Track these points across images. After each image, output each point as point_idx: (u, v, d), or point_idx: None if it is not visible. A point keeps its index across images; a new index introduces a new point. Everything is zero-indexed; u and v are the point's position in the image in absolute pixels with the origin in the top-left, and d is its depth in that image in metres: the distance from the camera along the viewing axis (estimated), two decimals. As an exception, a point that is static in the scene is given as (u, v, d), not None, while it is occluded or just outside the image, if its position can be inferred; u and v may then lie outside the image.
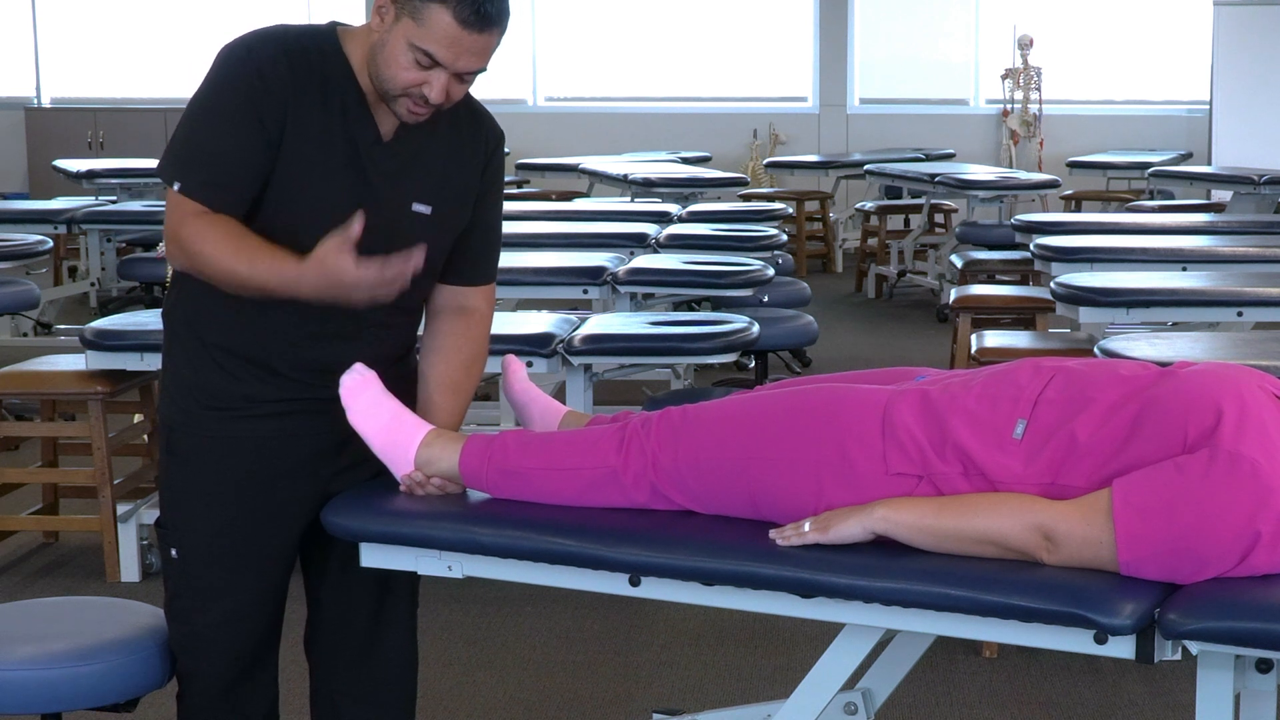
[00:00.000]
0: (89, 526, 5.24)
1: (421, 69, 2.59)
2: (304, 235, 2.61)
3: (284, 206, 2.64)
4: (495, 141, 2.85)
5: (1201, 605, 2.18)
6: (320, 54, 2.66)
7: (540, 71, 14.43)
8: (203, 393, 2.74)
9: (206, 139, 2.64)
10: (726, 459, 2.54)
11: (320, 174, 2.65)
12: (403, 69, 2.59)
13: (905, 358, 8.57)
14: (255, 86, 2.60)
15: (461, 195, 2.80)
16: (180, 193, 2.62)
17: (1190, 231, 7.52)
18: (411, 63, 2.58)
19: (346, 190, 2.66)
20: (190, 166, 2.64)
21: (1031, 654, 4.33)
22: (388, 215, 2.69)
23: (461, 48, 2.57)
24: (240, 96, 2.60)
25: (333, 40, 2.69)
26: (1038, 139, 13.62)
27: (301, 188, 2.64)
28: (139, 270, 9.22)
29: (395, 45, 2.58)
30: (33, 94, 14.54)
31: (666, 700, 4.09)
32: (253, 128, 2.61)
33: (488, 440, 2.71)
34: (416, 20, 2.56)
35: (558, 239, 7.14)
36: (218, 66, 2.65)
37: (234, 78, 2.62)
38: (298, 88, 2.63)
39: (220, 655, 2.79)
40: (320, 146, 2.65)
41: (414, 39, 2.57)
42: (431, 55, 2.57)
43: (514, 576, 2.63)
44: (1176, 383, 2.38)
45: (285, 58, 2.63)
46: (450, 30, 2.55)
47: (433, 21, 2.55)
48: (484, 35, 2.58)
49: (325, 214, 2.62)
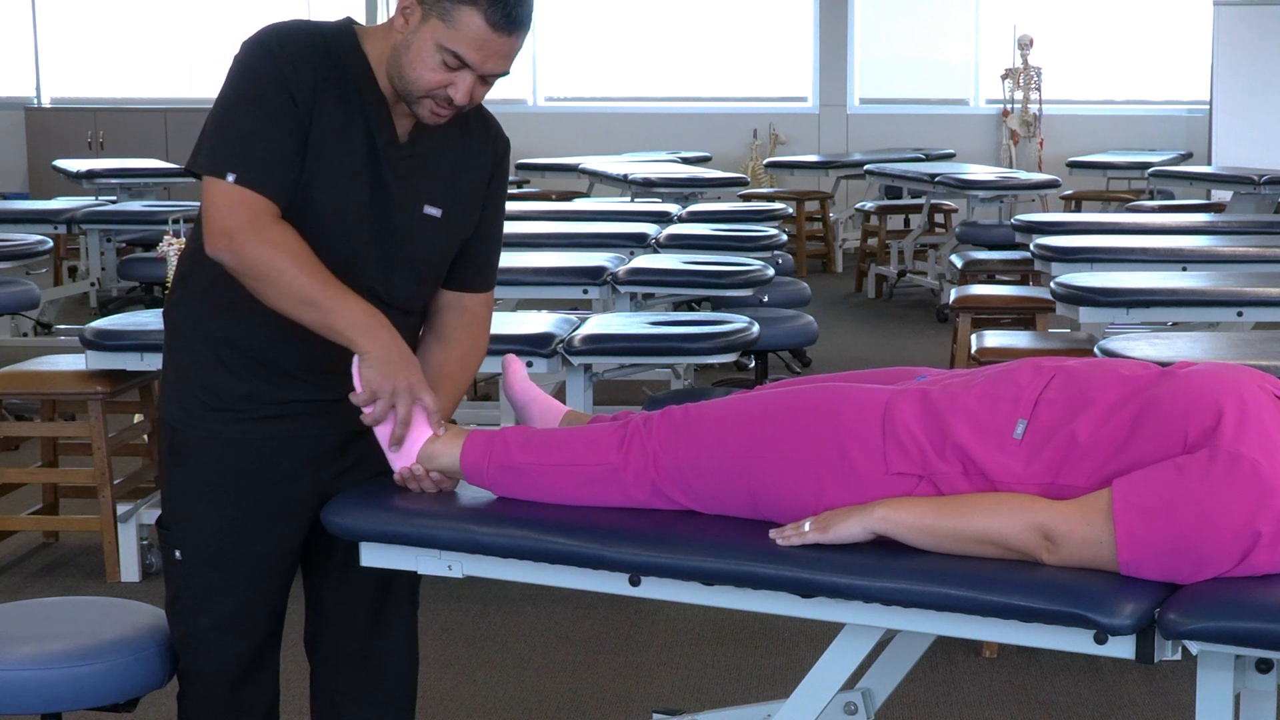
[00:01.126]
0: (89, 526, 5.24)
1: (448, 70, 2.59)
2: (317, 232, 2.61)
3: (301, 201, 2.63)
4: (503, 149, 2.86)
5: (1201, 605, 2.18)
6: (341, 51, 2.66)
7: (540, 71, 14.43)
8: (205, 392, 2.73)
9: (247, 127, 2.59)
10: (727, 458, 2.55)
11: (340, 171, 2.64)
12: (429, 70, 2.59)
13: (905, 358, 8.57)
14: (284, 76, 2.59)
15: (471, 199, 2.80)
16: (239, 183, 2.57)
17: (1190, 231, 7.52)
18: (439, 64, 2.58)
19: (363, 190, 2.66)
20: (239, 155, 2.58)
21: (1031, 654, 4.33)
22: (400, 217, 2.69)
23: (490, 50, 2.58)
24: (273, 83, 2.58)
25: (351, 38, 2.68)
26: (1038, 139, 13.62)
27: (321, 184, 2.63)
28: (139, 270, 9.22)
29: (422, 46, 2.58)
30: (33, 94, 14.54)
31: (666, 700, 4.09)
32: (290, 112, 2.59)
33: (489, 436, 2.71)
34: (446, 21, 2.56)
35: (558, 239, 7.14)
36: (244, 60, 2.62)
37: (263, 68, 2.60)
38: (322, 83, 2.61)
39: (221, 655, 2.78)
40: (342, 144, 2.64)
41: (443, 40, 2.56)
42: (460, 57, 2.57)
43: (514, 576, 2.63)
44: (1176, 383, 2.38)
45: (310, 53, 2.61)
46: (481, 32, 2.55)
47: (463, 23, 2.55)
48: (512, 38, 2.59)
49: (341, 211, 2.63)
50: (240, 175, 2.57)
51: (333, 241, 2.64)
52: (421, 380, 2.65)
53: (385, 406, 2.63)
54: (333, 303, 2.58)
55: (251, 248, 2.57)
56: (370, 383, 2.61)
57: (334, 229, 2.62)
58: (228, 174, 2.58)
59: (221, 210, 2.58)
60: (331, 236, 2.63)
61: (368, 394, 2.63)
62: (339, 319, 2.58)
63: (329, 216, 2.64)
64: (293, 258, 2.56)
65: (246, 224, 2.57)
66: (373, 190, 2.67)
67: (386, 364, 2.60)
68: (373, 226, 2.68)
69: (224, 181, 2.58)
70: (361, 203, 2.65)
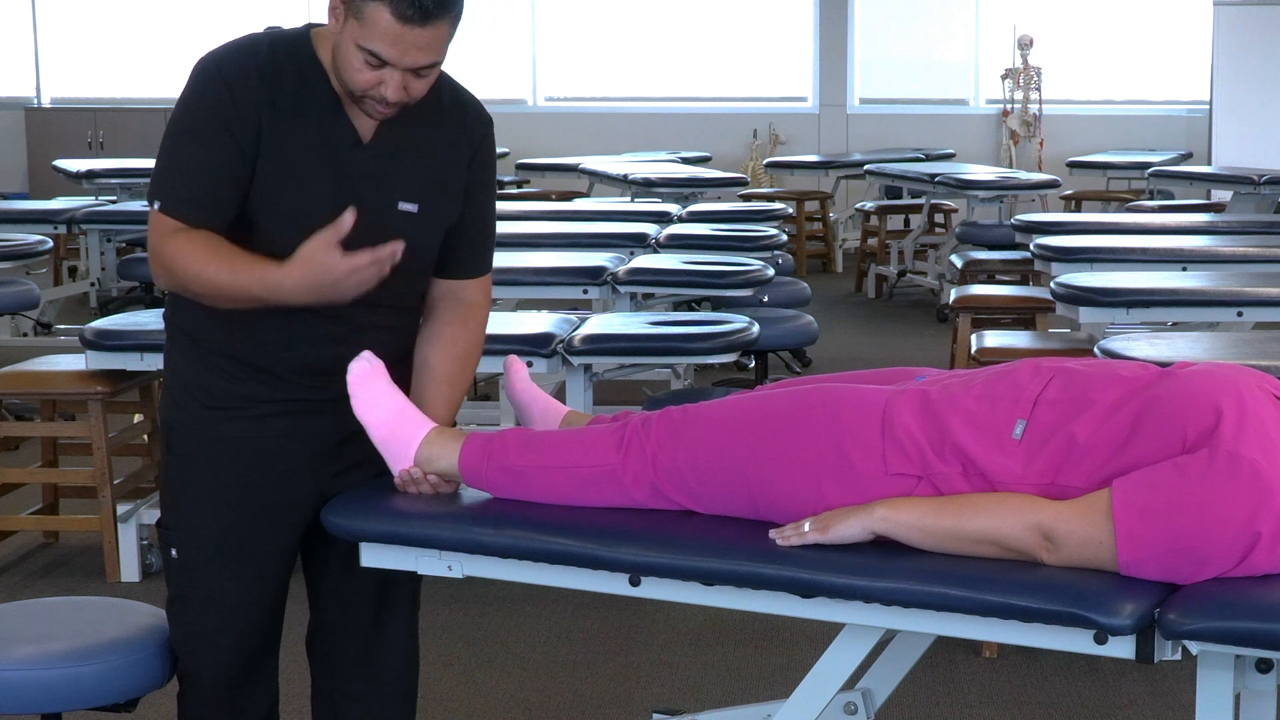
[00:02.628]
0: (89, 526, 5.24)
1: (373, 69, 2.57)
2: (289, 244, 2.60)
3: (266, 217, 2.64)
4: (483, 131, 2.83)
5: (1201, 605, 2.18)
6: (293, 61, 2.65)
7: (540, 71, 14.43)
8: (203, 392, 2.74)
9: (180, 158, 2.64)
10: (726, 459, 2.54)
11: (300, 181, 2.64)
12: (356, 70, 2.58)
13: (905, 358, 8.57)
14: (224, 100, 2.60)
15: (448, 190, 2.78)
16: (160, 211, 2.62)
17: (1190, 231, 7.52)
18: (363, 64, 2.57)
19: (329, 195, 2.65)
20: (168, 186, 2.64)
21: (1031, 654, 4.33)
22: (374, 216, 2.67)
23: (406, 43, 2.55)
24: (209, 113, 2.60)
25: (307, 44, 2.68)
26: (1038, 139, 13.62)
27: (282, 197, 2.64)
28: (139, 270, 9.22)
29: (347, 47, 2.57)
30: (33, 94, 14.54)
31: (666, 700, 4.09)
32: (224, 141, 2.60)
33: (488, 438, 2.71)
34: (359, 20, 2.54)
35: (558, 239, 7.14)
36: (188, 85, 2.65)
37: (202, 95, 2.62)
38: (269, 98, 2.62)
39: (221, 655, 2.79)
40: (298, 154, 2.64)
41: (360, 39, 2.55)
42: (378, 54, 2.55)
43: (514, 576, 2.63)
44: (1176, 383, 2.38)
45: (255, 70, 2.62)
46: (391, 27, 2.53)
47: (373, 20, 2.53)
48: (428, 28, 2.54)
49: (308, 220, 2.61)
50: (163, 204, 2.63)
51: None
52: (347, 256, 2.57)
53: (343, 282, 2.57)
54: (237, 277, 2.58)
55: (167, 265, 2.61)
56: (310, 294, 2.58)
57: (302, 238, 2.59)
58: (154, 202, 2.64)
59: (150, 238, 2.65)
60: (300, 245, 2.61)
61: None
62: (252, 286, 2.58)
63: (294, 227, 2.62)
64: (193, 257, 2.59)
65: (161, 245, 2.61)
66: (339, 194, 2.64)
67: (313, 279, 2.57)
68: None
69: (153, 210, 2.64)
70: (326, 208, 2.61)
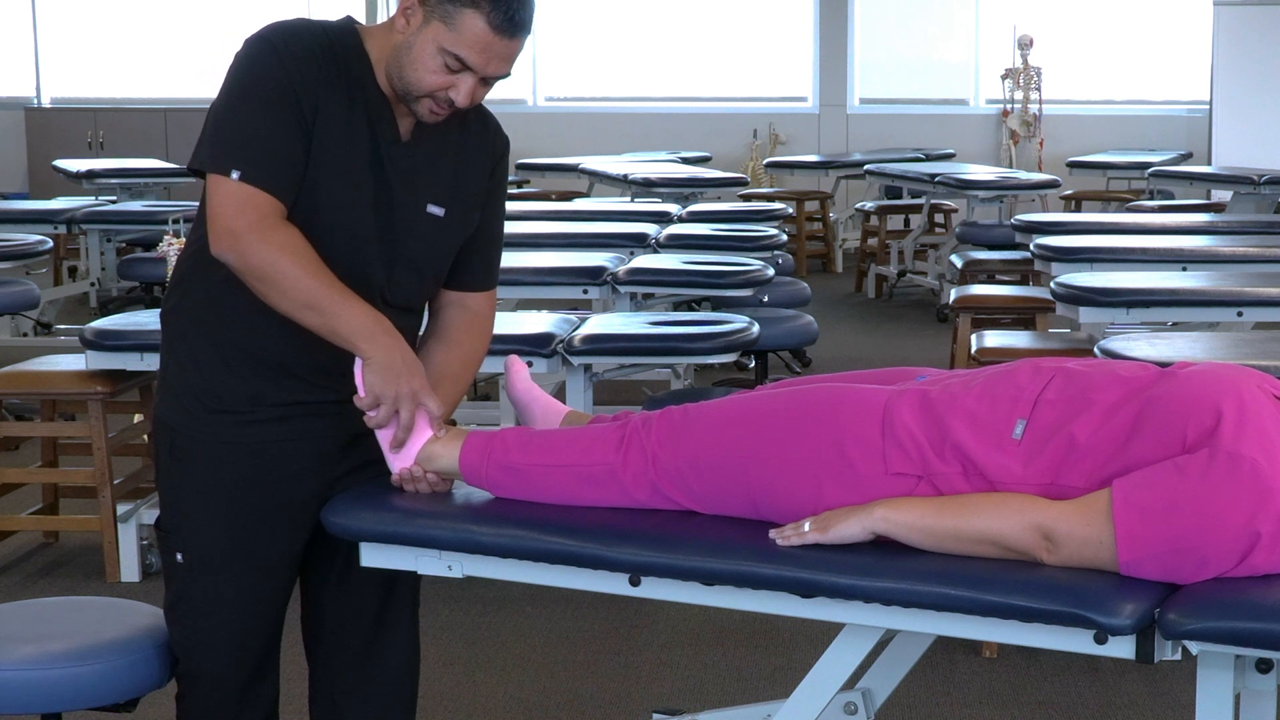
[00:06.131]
0: (89, 526, 5.24)
1: (450, 73, 2.58)
2: (320, 231, 2.60)
3: (306, 202, 2.62)
4: (503, 147, 2.86)
5: (1201, 605, 2.18)
6: (344, 50, 2.65)
7: (540, 71, 14.43)
8: (208, 395, 2.72)
9: (253, 126, 2.57)
10: (726, 459, 2.54)
11: (344, 171, 2.64)
12: (430, 72, 2.58)
13: (905, 358, 8.57)
14: (292, 74, 2.57)
15: (472, 198, 2.80)
16: (242, 180, 2.55)
17: (1190, 231, 7.52)
18: (440, 66, 2.58)
19: (367, 189, 2.66)
20: (241, 153, 2.56)
21: (1031, 654, 4.33)
22: (403, 216, 2.69)
23: (492, 53, 2.57)
24: (278, 85, 2.57)
25: (354, 37, 2.68)
26: (1038, 139, 13.62)
27: (325, 184, 2.63)
28: (139, 270, 9.22)
29: (423, 48, 2.58)
30: (33, 94, 14.53)
31: (666, 700, 4.09)
32: (294, 114, 2.58)
33: (489, 437, 2.71)
34: (448, 24, 2.55)
35: (558, 239, 7.15)
36: (247, 56, 2.60)
37: (266, 65, 2.58)
38: (325, 82, 2.61)
39: (222, 658, 2.78)
40: (346, 144, 2.63)
41: (445, 43, 2.56)
42: (462, 60, 2.57)
43: (514, 576, 2.63)
44: (1176, 383, 2.38)
45: (314, 51, 2.60)
46: (483, 35, 2.55)
47: (465, 26, 2.55)
48: (514, 40, 2.59)
49: (344, 212, 2.63)
50: (245, 173, 2.56)
51: (336, 240, 2.64)
52: (425, 385, 2.65)
53: (388, 412, 2.63)
54: (337, 307, 2.57)
55: (256, 249, 2.55)
56: (373, 388, 2.61)
57: (337, 228, 2.62)
58: (232, 171, 2.56)
59: (227, 209, 2.57)
60: (335, 235, 2.63)
61: (371, 399, 2.62)
62: (343, 324, 2.58)
63: (333, 216, 2.63)
64: (297, 260, 2.55)
65: (252, 224, 2.55)
66: (376, 189, 2.67)
67: (389, 369, 2.60)
68: (376, 225, 2.68)
69: (228, 179, 2.56)
70: (365, 202, 2.65)
